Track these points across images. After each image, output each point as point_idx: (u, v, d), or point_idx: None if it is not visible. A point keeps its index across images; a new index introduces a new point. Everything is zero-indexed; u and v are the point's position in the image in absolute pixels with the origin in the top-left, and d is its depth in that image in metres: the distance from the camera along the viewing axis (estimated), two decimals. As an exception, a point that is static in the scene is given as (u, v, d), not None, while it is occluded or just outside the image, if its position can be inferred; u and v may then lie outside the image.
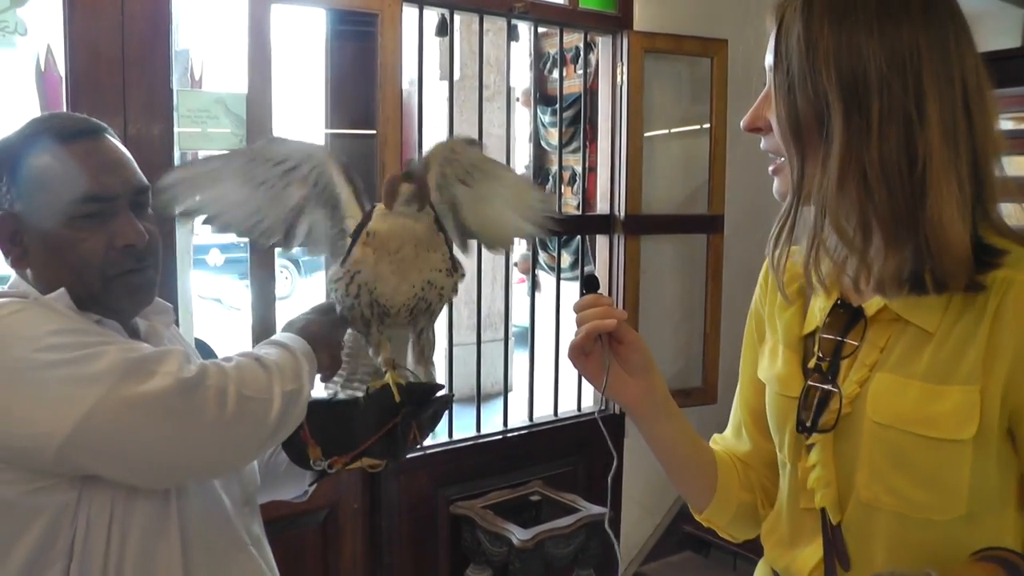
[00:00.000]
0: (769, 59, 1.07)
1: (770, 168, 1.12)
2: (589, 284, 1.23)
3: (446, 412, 1.47)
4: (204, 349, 3.66)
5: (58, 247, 1.24)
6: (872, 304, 1.08)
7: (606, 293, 3.55)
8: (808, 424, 1.10)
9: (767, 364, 1.24)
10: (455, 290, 1.40)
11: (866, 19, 1.00)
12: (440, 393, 1.43)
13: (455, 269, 1.37)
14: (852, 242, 1.04)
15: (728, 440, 1.37)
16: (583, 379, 1.27)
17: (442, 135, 3.15)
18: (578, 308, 1.20)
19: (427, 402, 1.40)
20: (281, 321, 2.62)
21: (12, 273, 1.31)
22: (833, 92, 1.00)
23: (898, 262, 1.00)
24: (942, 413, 0.99)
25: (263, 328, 2.58)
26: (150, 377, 1.12)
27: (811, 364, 1.13)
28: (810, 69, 1.01)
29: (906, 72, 0.98)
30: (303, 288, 12.75)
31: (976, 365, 0.99)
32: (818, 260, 1.06)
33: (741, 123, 1.12)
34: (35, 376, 1.12)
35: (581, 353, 1.20)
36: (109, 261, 1.25)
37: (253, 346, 1.50)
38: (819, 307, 1.15)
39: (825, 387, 1.09)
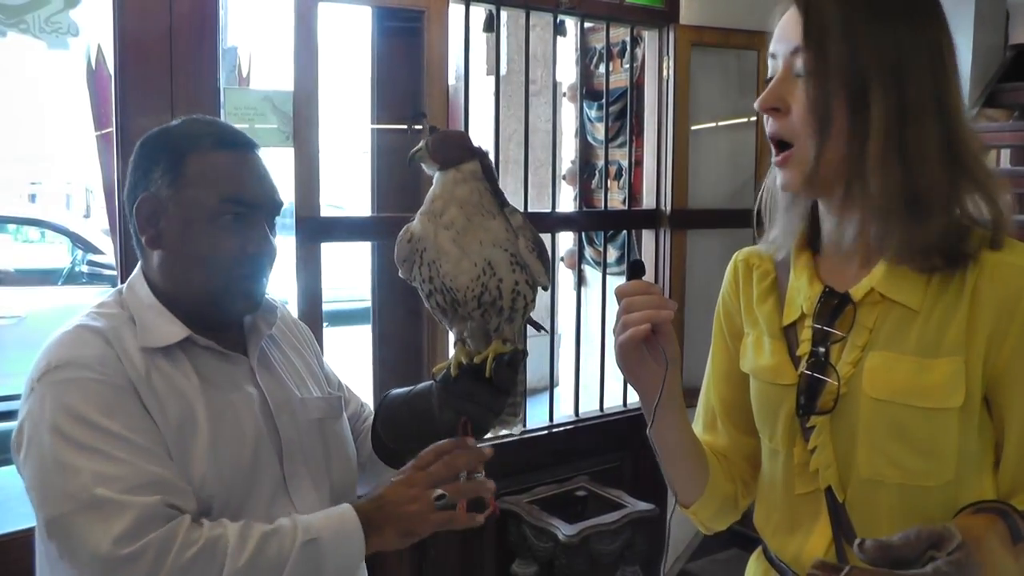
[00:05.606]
0: (794, 42, 1.08)
1: (776, 158, 1.14)
2: (635, 270, 1.15)
3: (519, 370, 1.37)
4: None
5: (196, 239, 1.31)
6: (859, 289, 1.12)
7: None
8: (806, 408, 1.13)
9: (752, 356, 1.25)
10: (520, 289, 1.31)
11: (899, 9, 1.06)
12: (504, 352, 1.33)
13: (526, 264, 1.30)
14: (888, 213, 1.08)
15: (700, 436, 1.36)
16: (626, 376, 1.20)
17: (489, 130, 3.15)
18: (624, 293, 1.12)
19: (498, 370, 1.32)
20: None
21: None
22: (874, 75, 1.04)
23: (925, 234, 1.06)
24: (933, 384, 1.06)
25: (311, 316, 2.60)
26: (100, 522, 1.12)
27: (803, 350, 1.16)
28: (851, 53, 1.05)
29: (934, 63, 1.06)
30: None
31: (959, 338, 1.07)
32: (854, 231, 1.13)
33: (756, 103, 1.13)
34: (38, 446, 1.19)
35: (634, 346, 1.13)
36: (237, 263, 1.32)
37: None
38: (804, 297, 1.18)
39: (823, 371, 1.13)
